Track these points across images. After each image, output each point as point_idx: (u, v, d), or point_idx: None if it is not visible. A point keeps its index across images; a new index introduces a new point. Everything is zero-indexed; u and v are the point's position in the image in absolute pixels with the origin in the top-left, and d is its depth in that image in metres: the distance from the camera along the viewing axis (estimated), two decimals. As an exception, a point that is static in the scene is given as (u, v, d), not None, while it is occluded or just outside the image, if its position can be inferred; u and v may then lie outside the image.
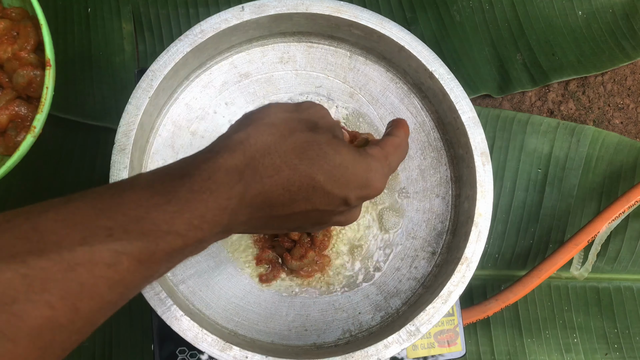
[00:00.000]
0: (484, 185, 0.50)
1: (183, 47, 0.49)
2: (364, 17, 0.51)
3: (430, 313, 0.48)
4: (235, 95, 0.56)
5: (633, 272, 0.73)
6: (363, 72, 0.56)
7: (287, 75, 0.56)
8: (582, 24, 0.78)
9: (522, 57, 0.77)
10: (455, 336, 0.59)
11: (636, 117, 0.78)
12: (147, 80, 0.48)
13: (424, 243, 0.55)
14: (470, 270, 0.49)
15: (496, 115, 0.74)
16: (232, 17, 0.49)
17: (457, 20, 0.76)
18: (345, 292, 0.54)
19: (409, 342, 0.47)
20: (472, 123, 0.50)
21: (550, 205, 0.73)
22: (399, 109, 0.56)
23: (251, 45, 0.55)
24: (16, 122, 0.58)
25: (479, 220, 0.49)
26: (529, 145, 0.74)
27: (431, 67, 0.51)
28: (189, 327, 0.46)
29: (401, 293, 0.54)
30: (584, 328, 0.72)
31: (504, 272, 0.73)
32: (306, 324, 0.53)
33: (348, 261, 0.54)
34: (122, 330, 0.68)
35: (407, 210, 0.55)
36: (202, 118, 0.55)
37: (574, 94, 0.78)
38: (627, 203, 0.67)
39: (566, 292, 0.72)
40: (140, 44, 0.73)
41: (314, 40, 0.56)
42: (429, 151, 0.56)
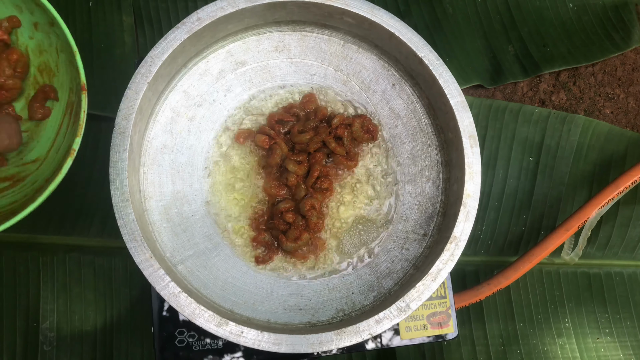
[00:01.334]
0: (472, 166, 0.51)
1: (180, 34, 0.51)
2: (355, 5, 0.52)
3: (420, 290, 0.49)
4: (232, 83, 0.57)
5: (623, 258, 0.74)
6: (356, 60, 0.58)
7: (282, 64, 0.58)
8: (573, 16, 0.79)
9: (514, 48, 0.78)
10: (447, 318, 0.61)
11: (626, 107, 0.80)
12: (145, 66, 0.50)
13: (416, 225, 0.56)
14: (459, 248, 0.50)
15: (488, 105, 0.76)
16: (227, 5, 0.51)
17: (450, 12, 0.78)
18: (338, 273, 0.55)
19: (400, 317, 0.49)
20: (460, 107, 0.52)
21: (542, 193, 0.75)
22: (391, 95, 0.58)
23: (247, 34, 0.57)
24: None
25: (467, 201, 0.51)
26: (520, 134, 0.76)
27: (421, 53, 0.52)
28: (187, 303, 0.47)
29: (393, 274, 0.55)
30: (576, 313, 0.73)
31: (496, 258, 0.74)
32: (301, 303, 0.54)
33: (342, 243, 0.56)
34: (122, 316, 0.70)
35: (399, 194, 0.57)
36: (199, 105, 0.57)
37: (565, 84, 0.80)
38: (617, 189, 0.68)
39: (558, 278, 0.74)
40: (140, 36, 0.75)
41: (308, 29, 0.57)
42: (420, 136, 0.57)
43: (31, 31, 0.57)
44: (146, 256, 0.48)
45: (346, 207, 0.57)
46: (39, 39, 0.57)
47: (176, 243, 0.54)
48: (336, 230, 0.56)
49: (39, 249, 0.69)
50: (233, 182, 0.56)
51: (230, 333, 0.47)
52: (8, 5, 0.55)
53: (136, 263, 0.48)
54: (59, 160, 0.56)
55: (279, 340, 0.48)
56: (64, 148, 0.56)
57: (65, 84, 0.57)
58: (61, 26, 0.52)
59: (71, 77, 0.56)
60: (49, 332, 0.69)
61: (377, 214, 0.57)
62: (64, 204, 0.70)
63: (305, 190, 0.55)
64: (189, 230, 0.55)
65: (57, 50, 0.57)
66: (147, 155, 0.54)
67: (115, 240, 0.70)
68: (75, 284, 0.69)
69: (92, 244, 0.70)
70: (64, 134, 0.57)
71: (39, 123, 0.60)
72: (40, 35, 0.57)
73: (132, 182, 0.51)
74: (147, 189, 0.54)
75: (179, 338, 0.56)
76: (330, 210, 0.57)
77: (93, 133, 0.71)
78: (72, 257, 0.70)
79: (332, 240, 0.56)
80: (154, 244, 0.52)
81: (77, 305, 0.69)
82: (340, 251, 0.56)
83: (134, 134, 0.50)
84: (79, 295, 0.69)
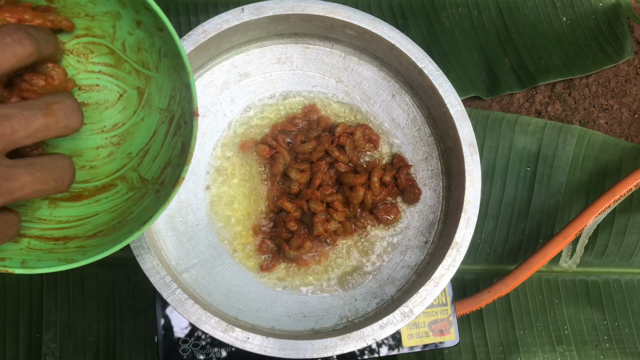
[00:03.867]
0: (472, 174, 0.52)
1: (186, 46, 0.52)
2: (356, 18, 0.54)
3: (423, 295, 0.50)
4: (236, 94, 0.59)
5: (620, 265, 0.75)
6: (357, 72, 0.59)
7: (284, 75, 0.59)
8: (567, 29, 0.81)
9: (510, 60, 0.80)
10: (448, 325, 0.61)
11: (620, 118, 0.82)
12: (152, 77, 0.51)
13: (417, 233, 0.57)
14: (461, 254, 0.51)
15: (486, 116, 0.77)
16: (232, 17, 0.53)
17: (447, 26, 0.80)
18: (342, 281, 0.56)
19: (403, 322, 0.49)
20: (460, 116, 0.53)
21: (540, 202, 0.76)
22: (391, 105, 0.59)
23: (250, 46, 0.58)
24: None
25: (468, 207, 0.52)
26: (517, 144, 0.77)
27: (421, 64, 0.54)
28: (194, 310, 0.48)
29: (395, 281, 0.56)
30: (575, 320, 0.74)
31: (495, 266, 0.75)
32: (304, 310, 0.55)
33: (345, 251, 0.57)
34: (126, 325, 0.70)
35: (401, 203, 0.58)
36: (203, 116, 0.58)
37: (560, 95, 0.81)
38: (613, 197, 0.69)
39: (556, 286, 0.75)
40: (143, 50, 0.77)
41: (310, 41, 0.59)
42: (420, 145, 0.59)
43: (132, 27, 0.53)
44: (153, 263, 0.49)
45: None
46: (140, 36, 0.53)
47: (181, 251, 0.54)
48: (339, 240, 0.57)
49: (43, 260, 0.70)
50: (236, 192, 0.57)
51: (236, 339, 0.48)
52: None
53: (143, 270, 0.49)
54: (157, 172, 0.52)
55: (285, 346, 0.48)
56: (161, 160, 0.52)
57: (166, 89, 0.53)
58: (173, 37, 0.49)
59: (175, 85, 0.52)
60: (52, 343, 0.69)
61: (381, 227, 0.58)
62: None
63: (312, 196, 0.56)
64: (194, 238, 0.55)
65: (159, 53, 0.52)
66: (152, 164, 0.55)
67: (119, 251, 0.71)
68: (79, 295, 0.70)
69: (95, 254, 0.71)
70: (161, 143, 0.54)
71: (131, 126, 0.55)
72: (141, 33, 0.53)
73: (139, 191, 0.52)
74: (153, 198, 0.55)
75: (182, 347, 0.56)
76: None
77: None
78: (75, 268, 0.70)
79: (335, 249, 0.57)
80: (160, 252, 0.53)
81: (80, 316, 0.69)
82: (343, 259, 0.57)
83: (141, 143, 0.51)
84: (82, 306, 0.70)
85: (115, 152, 0.53)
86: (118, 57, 0.53)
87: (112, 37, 0.52)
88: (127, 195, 0.52)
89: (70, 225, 0.50)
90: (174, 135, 0.51)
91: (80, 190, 0.52)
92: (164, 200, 0.46)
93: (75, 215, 0.51)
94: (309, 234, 0.56)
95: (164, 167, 0.51)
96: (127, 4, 0.50)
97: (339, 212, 0.56)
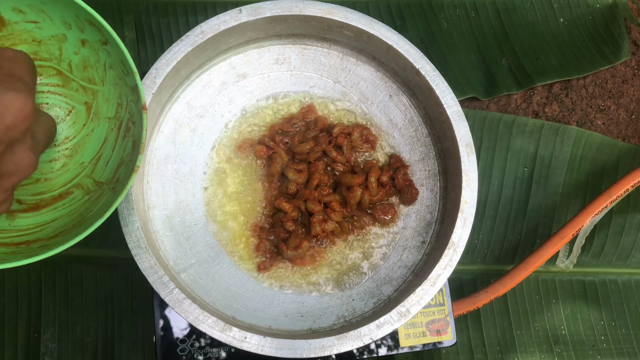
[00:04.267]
0: (468, 174, 0.53)
1: (184, 46, 0.52)
2: (354, 19, 0.54)
3: (419, 295, 0.50)
4: (234, 95, 0.59)
5: (617, 265, 0.76)
6: (354, 72, 0.60)
7: (282, 76, 0.60)
8: (564, 30, 0.82)
9: (508, 61, 0.80)
10: (446, 325, 0.62)
11: (617, 118, 0.82)
12: (150, 78, 0.51)
13: (414, 233, 0.57)
14: (457, 254, 0.51)
15: (483, 117, 0.78)
16: (230, 18, 0.53)
17: (445, 27, 0.80)
18: (339, 281, 0.56)
19: (400, 322, 0.50)
20: (456, 116, 0.54)
21: (537, 202, 0.76)
22: (389, 106, 0.59)
23: (248, 47, 0.58)
24: None
25: (464, 207, 0.52)
26: (515, 145, 0.77)
27: (417, 65, 0.54)
28: (191, 309, 0.48)
29: (393, 280, 0.56)
30: (572, 320, 0.74)
31: (493, 266, 0.75)
32: (302, 310, 0.55)
33: (342, 251, 0.57)
34: (124, 326, 0.70)
35: (398, 203, 0.58)
36: (201, 116, 0.58)
37: (557, 96, 0.82)
38: (609, 198, 0.70)
39: (554, 286, 0.75)
40: (141, 51, 0.77)
41: (308, 42, 0.59)
42: (417, 146, 0.59)
43: (77, 47, 0.56)
44: (151, 263, 0.49)
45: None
46: (85, 54, 0.56)
47: (179, 251, 0.55)
48: (337, 240, 0.57)
49: (41, 260, 0.70)
50: (234, 192, 0.57)
51: (234, 338, 0.48)
52: (57, 22, 0.54)
53: (141, 270, 0.49)
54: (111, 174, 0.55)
55: (282, 345, 0.48)
56: (113, 162, 0.54)
57: (112, 99, 0.56)
58: (119, 46, 0.51)
59: (121, 93, 0.55)
60: (50, 343, 0.69)
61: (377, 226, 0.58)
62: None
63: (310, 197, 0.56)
64: (192, 239, 0.55)
65: (104, 67, 0.55)
66: (150, 165, 0.55)
67: (117, 251, 0.71)
68: (77, 295, 0.70)
69: (93, 254, 0.71)
70: (112, 148, 0.57)
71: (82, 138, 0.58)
72: (86, 51, 0.56)
73: (137, 191, 0.52)
74: (151, 198, 0.55)
75: (180, 347, 0.57)
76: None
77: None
78: (74, 268, 0.70)
79: (333, 249, 0.57)
80: (158, 252, 0.53)
81: (79, 316, 0.70)
82: (340, 259, 0.57)
83: (139, 143, 0.51)
84: (80, 306, 0.70)
85: (68, 164, 0.55)
86: (65, 77, 0.56)
87: (59, 59, 0.56)
88: (83, 199, 0.54)
89: (31, 232, 0.52)
90: (124, 138, 0.54)
91: (37, 201, 0.55)
92: (120, 191, 0.49)
93: (35, 223, 0.53)
94: (306, 234, 0.56)
95: (117, 167, 0.53)
96: (72, 25, 0.53)
97: (337, 213, 0.56)
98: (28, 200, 0.55)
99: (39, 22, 0.52)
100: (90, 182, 0.56)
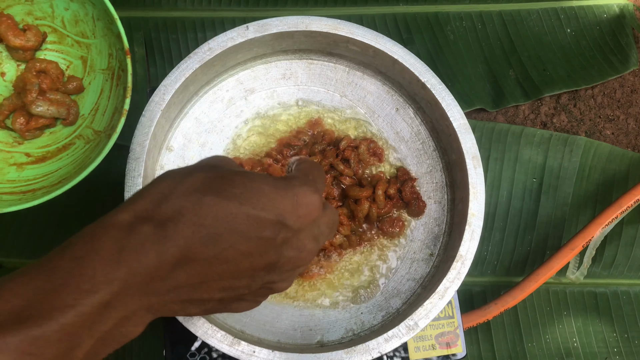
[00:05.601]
0: (476, 187, 0.53)
1: (192, 63, 0.53)
2: (359, 34, 0.55)
3: (427, 308, 0.50)
4: (242, 110, 0.59)
5: (629, 277, 0.75)
6: (361, 86, 0.60)
7: (289, 90, 0.60)
8: (571, 41, 0.82)
9: (515, 72, 0.80)
10: (455, 338, 0.61)
11: (626, 128, 0.81)
12: (159, 94, 0.52)
13: (422, 245, 0.57)
14: (465, 267, 0.51)
15: (491, 128, 0.78)
16: (237, 35, 0.53)
17: (451, 39, 0.80)
18: (347, 294, 0.56)
19: (408, 335, 0.49)
20: (463, 129, 0.54)
21: (546, 213, 0.76)
22: (395, 119, 0.60)
23: (256, 63, 0.59)
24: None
25: (472, 220, 0.52)
26: (523, 156, 0.77)
27: (423, 78, 0.54)
28: (200, 323, 0.49)
29: (401, 293, 0.56)
30: (584, 332, 0.73)
31: (503, 278, 0.75)
32: (310, 324, 0.55)
33: (351, 264, 0.57)
34: (135, 340, 0.70)
35: (406, 216, 0.58)
36: (210, 131, 0.59)
37: (565, 106, 0.82)
38: (619, 209, 0.69)
39: (565, 297, 0.74)
40: (151, 66, 0.78)
41: (314, 57, 0.60)
42: (424, 158, 0.59)
43: (66, 3, 0.60)
44: (160, 278, 0.49)
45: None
46: (75, 9, 0.60)
47: (188, 265, 0.55)
48: (345, 255, 0.58)
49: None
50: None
51: (242, 352, 0.48)
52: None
53: (150, 285, 0.49)
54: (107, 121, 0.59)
55: (290, 359, 0.48)
56: (110, 111, 0.60)
57: (104, 50, 0.60)
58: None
59: (110, 43, 0.60)
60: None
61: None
62: (76, 231, 0.71)
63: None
64: (201, 252, 0.56)
65: (93, 19, 0.60)
66: (160, 180, 0.56)
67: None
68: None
69: (104, 268, 0.72)
70: (108, 97, 0.61)
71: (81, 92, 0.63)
72: (75, 5, 0.60)
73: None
74: (160, 212, 0.55)
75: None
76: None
77: (107, 158, 0.73)
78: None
79: (341, 263, 0.57)
80: (167, 266, 0.53)
81: (90, 329, 0.70)
82: (349, 272, 0.57)
83: (148, 159, 0.52)
84: (92, 320, 0.70)
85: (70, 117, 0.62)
86: (60, 33, 0.63)
87: (52, 17, 0.63)
88: (84, 148, 0.60)
89: (37, 181, 0.58)
90: (117, 86, 0.60)
91: (43, 153, 0.61)
92: (112, 135, 0.55)
93: (41, 174, 0.59)
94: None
95: (112, 115, 0.59)
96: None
97: (345, 226, 0.56)
98: (35, 153, 0.61)
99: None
100: (90, 132, 0.61)
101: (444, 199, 0.58)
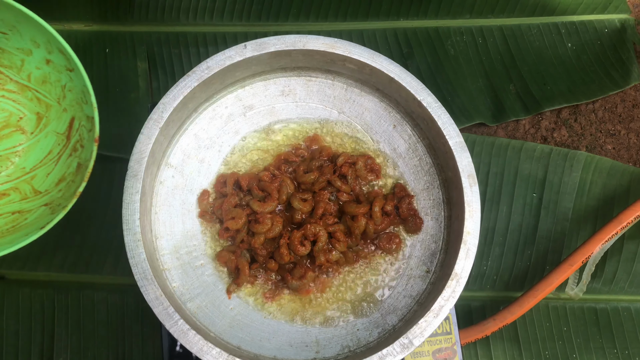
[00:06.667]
0: (471, 205, 0.53)
1: (191, 81, 0.53)
2: (356, 52, 0.55)
3: (422, 326, 0.50)
4: (241, 126, 0.60)
5: (630, 292, 0.74)
6: (358, 103, 0.60)
7: (288, 107, 0.61)
8: (572, 55, 0.82)
9: (515, 87, 0.80)
10: (453, 354, 0.61)
11: (628, 143, 0.81)
12: (158, 112, 0.53)
13: (419, 262, 0.58)
14: (460, 285, 0.51)
15: (491, 143, 0.78)
16: (235, 54, 0.54)
17: (452, 54, 0.81)
18: (344, 311, 0.56)
19: (403, 354, 0.50)
20: (459, 147, 0.54)
21: (546, 228, 0.76)
22: (393, 136, 0.60)
23: (254, 80, 0.60)
24: None
25: (467, 238, 0.52)
26: (523, 170, 0.77)
27: (419, 96, 0.55)
28: (195, 340, 0.49)
29: (397, 310, 0.56)
30: (584, 348, 0.73)
31: (502, 293, 0.75)
32: (307, 340, 0.55)
33: (347, 281, 0.57)
34: (135, 352, 0.71)
35: (403, 232, 0.59)
36: (209, 147, 0.59)
37: (566, 121, 0.82)
38: (620, 224, 0.69)
39: (564, 313, 0.74)
40: (153, 80, 0.79)
41: (312, 74, 0.60)
42: (421, 175, 0.59)
43: (41, 64, 0.59)
44: (156, 294, 0.50)
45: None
46: (47, 71, 0.60)
47: (185, 281, 0.55)
48: (342, 271, 0.58)
49: (54, 287, 0.71)
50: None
51: (237, 369, 0.49)
52: (26, 39, 0.57)
53: (147, 301, 0.50)
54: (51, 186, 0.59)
55: (285, 377, 0.49)
56: (55, 176, 0.59)
57: (65, 117, 0.60)
58: (83, 77, 0.55)
59: (74, 115, 0.59)
60: (62, 368, 0.70)
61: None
62: (78, 243, 0.72)
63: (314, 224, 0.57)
64: (199, 268, 0.56)
65: (63, 88, 0.59)
66: (158, 196, 0.57)
67: (128, 277, 0.72)
68: (89, 321, 0.71)
69: (105, 281, 0.72)
70: (55, 162, 0.60)
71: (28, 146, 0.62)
72: (49, 69, 0.59)
73: (144, 223, 0.53)
74: (159, 228, 0.56)
75: (188, 374, 0.57)
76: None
77: (109, 172, 0.74)
78: (86, 295, 0.72)
79: (337, 279, 0.57)
80: (164, 282, 0.54)
81: (90, 341, 0.71)
82: (345, 289, 0.57)
83: (146, 176, 0.52)
84: (92, 332, 0.71)
85: (10, 166, 0.62)
86: (22, 85, 0.61)
87: (19, 69, 0.61)
88: (19, 204, 0.59)
89: None
90: (69, 156, 0.59)
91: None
92: (62, 209, 0.53)
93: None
94: (311, 263, 0.57)
95: (58, 182, 0.58)
96: (40, 45, 0.57)
97: (341, 242, 0.56)
98: None
99: (8, 34, 0.56)
100: (28, 189, 0.60)
101: (441, 215, 0.58)
